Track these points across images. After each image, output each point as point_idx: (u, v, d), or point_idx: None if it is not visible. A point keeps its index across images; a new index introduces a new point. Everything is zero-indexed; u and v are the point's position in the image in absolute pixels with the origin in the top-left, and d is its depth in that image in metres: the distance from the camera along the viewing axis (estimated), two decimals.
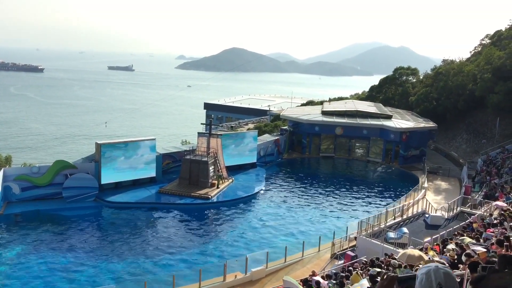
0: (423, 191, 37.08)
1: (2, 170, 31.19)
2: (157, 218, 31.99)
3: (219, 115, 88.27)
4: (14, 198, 31.69)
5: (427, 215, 28.59)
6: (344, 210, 35.23)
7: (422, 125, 50.61)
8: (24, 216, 30.11)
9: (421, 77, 69.78)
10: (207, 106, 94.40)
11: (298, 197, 37.75)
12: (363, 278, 13.90)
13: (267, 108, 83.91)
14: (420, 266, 12.46)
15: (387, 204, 34.54)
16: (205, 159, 37.46)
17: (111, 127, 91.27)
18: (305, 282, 15.96)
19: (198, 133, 41.43)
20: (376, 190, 40.71)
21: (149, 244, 27.16)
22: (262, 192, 38.38)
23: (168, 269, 23.91)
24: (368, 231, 24.93)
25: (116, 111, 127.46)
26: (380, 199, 38.38)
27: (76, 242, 27.03)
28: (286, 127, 53.70)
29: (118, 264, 24.37)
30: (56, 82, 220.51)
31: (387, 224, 26.90)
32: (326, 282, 16.60)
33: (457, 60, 65.48)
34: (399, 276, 3.20)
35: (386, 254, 19.45)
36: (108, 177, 34.96)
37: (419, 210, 30.37)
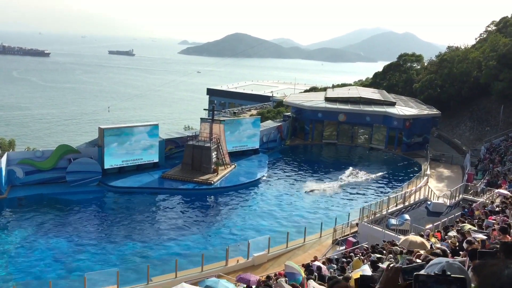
0: (425, 178, 37.10)
1: (5, 154, 31.32)
2: (160, 203, 32.17)
3: (222, 101, 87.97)
4: (17, 182, 31.89)
5: (429, 202, 28.66)
6: (346, 196, 35.33)
7: (425, 112, 50.42)
8: (27, 199, 30.36)
9: (425, 64, 69.25)
10: (210, 91, 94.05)
11: (300, 183, 37.83)
12: (364, 264, 14.01)
13: (270, 94, 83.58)
14: (421, 252, 12.54)
15: (389, 191, 34.62)
16: (208, 144, 37.50)
17: (114, 112, 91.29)
18: (306, 267, 16.08)
19: (201, 118, 41.41)
20: (378, 177, 40.73)
21: (152, 228, 27.37)
22: (264, 178, 38.48)
23: (171, 253, 24.12)
24: (370, 218, 25.04)
25: (118, 95, 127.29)
26: (382, 186, 38.44)
27: (79, 225, 27.25)
28: (289, 113, 53.55)
29: (120, 248, 24.59)
30: (59, 66, 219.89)
31: (389, 210, 26.99)
32: (327, 266, 16.76)
33: (462, 47, 64.94)
34: (404, 267, 3.19)
35: (387, 241, 19.55)
36: (111, 161, 35.09)
37: (421, 197, 30.46)
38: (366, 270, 11.22)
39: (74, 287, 19.56)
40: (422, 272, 2.87)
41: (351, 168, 42.67)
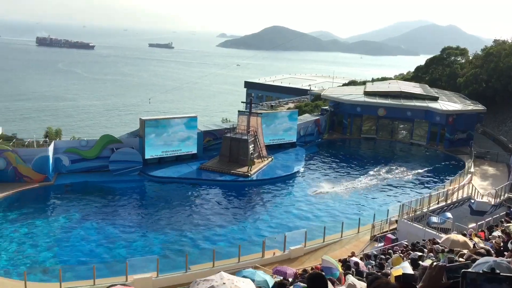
0: (469, 176, 35.93)
1: (53, 143, 32.65)
2: (198, 193, 32.72)
3: (259, 94, 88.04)
4: (64, 170, 33.21)
5: (472, 201, 27.82)
6: (385, 192, 34.76)
7: (470, 107, 48.75)
8: (73, 186, 31.60)
9: (470, 58, 66.80)
10: (248, 84, 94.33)
11: (338, 178, 37.49)
12: (404, 261, 13.79)
13: (307, 88, 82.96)
14: (464, 251, 12.21)
15: (431, 188, 33.80)
16: (245, 137, 37.74)
17: (154, 104, 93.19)
18: (343, 262, 15.99)
19: (239, 111, 41.68)
20: (419, 174, 39.79)
21: (190, 218, 27.90)
22: (301, 171, 38.39)
23: (208, 243, 24.54)
24: (410, 215, 24.56)
25: (158, 88, 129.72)
26: (423, 182, 37.56)
27: (121, 213, 28.16)
28: (327, 107, 53.05)
29: (160, 236, 25.23)
30: (102, 59, 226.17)
31: (430, 208, 26.38)
32: (365, 262, 16.60)
33: (510, 41, 62.16)
34: (449, 265, 3.15)
35: (427, 239, 19.14)
36: (151, 152, 35.95)
37: (464, 195, 29.58)
38: (407, 267, 11.04)
39: (116, 272, 20.22)
40: (470, 270, 2.83)
41: (390, 163, 41.91)
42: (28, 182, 30.75)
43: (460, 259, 10.00)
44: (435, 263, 3.36)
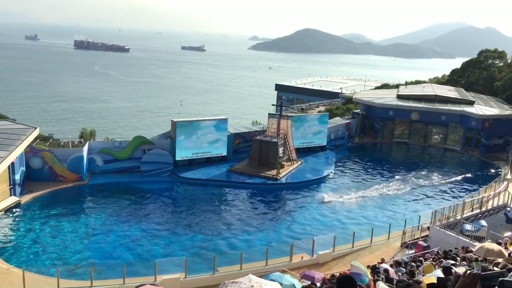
0: (505, 183, 34.66)
1: (87, 144, 33.52)
2: (227, 196, 32.89)
3: (290, 97, 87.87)
4: (97, 170, 34.04)
5: (508, 209, 26.83)
6: (416, 198, 34.00)
7: (507, 112, 47.17)
8: (105, 186, 32.34)
9: (509, 61, 64.60)
10: (278, 87, 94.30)
11: (368, 183, 36.93)
12: (436, 269, 13.42)
13: (339, 91, 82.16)
14: (499, 260, 11.77)
15: (465, 195, 32.84)
16: (275, 140, 37.69)
17: (185, 106, 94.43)
18: (373, 268, 15.71)
19: (269, 114, 41.68)
20: (453, 180, 38.75)
21: (219, 220, 28.05)
22: (331, 175, 38.01)
23: (236, 246, 24.60)
24: (443, 222, 23.90)
25: (190, 90, 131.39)
26: (457, 189, 36.55)
27: (151, 213, 28.60)
28: (359, 110, 52.43)
29: (189, 237, 25.48)
30: (136, 61, 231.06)
31: (464, 215, 25.59)
32: (395, 270, 16.25)
33: None
34: (484, 274, 3.04)
35: (460, 247, 18.58)
36: (182, 153, 36.39)
37: (500, 202, 28.55)
38: (439, 275, 10.75)
39: (145, 272, 20.52)
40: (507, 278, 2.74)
41: (423, 169, 40.98)
42: (63, 182, 31.69)
43: (495, 268, 9.65)
44: (469, 271, 3.26)
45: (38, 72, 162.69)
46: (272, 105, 48.92)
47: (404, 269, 16.71)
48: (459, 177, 39.53)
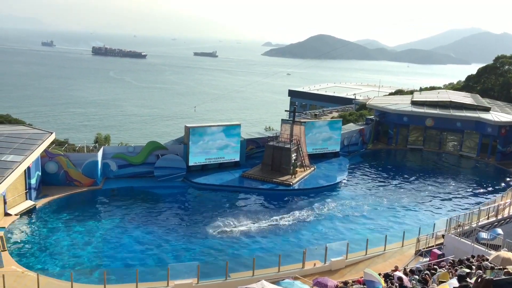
0: None
1: (102, 149, 33.86)
2: (239, 201, 32.89)
3: (303, 103, 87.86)
4: (111, 175, 34.35)
5: None
6: (431, 206, 33.60)
7: None
8: (119, 191, 32.59)
9: None
10: (292, 93, 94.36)
11: (382, 190, 36.65)
12: (451, 278, 13.23)
13: (352, 97, 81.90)
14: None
15: (480, 202, 32.36)
16: (288, 146, 37.64)
17: (199, 111, 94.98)
18: (386, 276, 15.52)
19: (282, 120, 41.67)
20: (468, 187, 38.25)
21: (231, 226, 28.00)
22: (344, 182, 37.79)
23: (248, 252, 24.56)
24: (458, 230, 23.58)
25: (204, 95, 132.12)
26: (472, 196, 36.04)
27: (164, 218, 28.72)
28: (372, 116, 52.14)
29: (201, 242, 25.48)
30: (151, 67, 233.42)
31: (480, 223, 25.21)
32: (409, 278, 16.05)
33: None
34: (496, 279, 3.01)
35: (476, 256, 18.30)
36: (195, 159, 36.54)
37: None
38: (454, 284, 10.62)
39: (158, 277, 20.58)
40: None
41: (438, 176, 40.52)
42: (77, 186, 32.04)
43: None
44: (482, 276, 3.24)
45: (54, 77, 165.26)
46: (285, 111, 48.90)
47: (417, 277, 16.50)
48: (475, 184, 38.99)
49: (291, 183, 35.41)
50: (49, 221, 27.19)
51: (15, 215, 26.69)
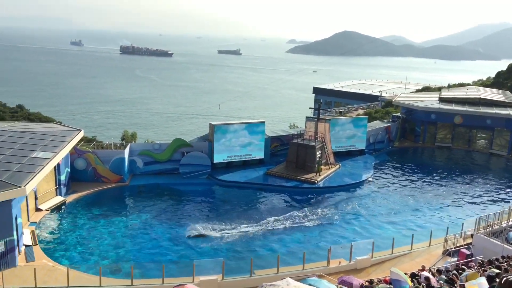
0: None
1: (128, 146, 34.45)
2: (264, 198, 32.93)
3: (327, 100, 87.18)
4: (138, 171, 34.93)
5: None
6: (459, 205, 32.90)
7: None
8: (146, 188, 33.11)
9: None
10: (316, 90, 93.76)
11: (408, 188, 36.09)
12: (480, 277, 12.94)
13: (378, 94, 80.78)
14: None
15: (511, 201, 31.51)
16: (313, 143, 37.46)
17: (224, 109, 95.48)
18: (413, 276, 15.30)
19: (306, 117, 41.49)
20: (498, 186, 37.28)
21: (255, 223, 28.07)
22: (370, 180, 37.37)
23: (273, 249, 24.59)
24: (487, 229, 23.03)
25: (228, 93, 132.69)
26: (502, 195, 35.13)
27: (189, 215, 29.01)
28: (399, 114, 51.36)
29: (225, 239, 25.62)
30: (176, 66, 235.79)
31: (510, 223, 24.55)
32: (436, 278, 15.78)
33: None
34: None
35: (506, 256, 17.84)
36: (220, 156, 36.78)
37: None
38: (483, 283, 10.40)
39: (184, 272, 20.85)
40: None
41: (466, 174, 39.65)
42: (105, 182, 32.70)
43: None
44: (506, 277, 3.17)
45: (83, 76, 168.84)
46: (310, 108, 48.68)
47: (445, 277, 16.21)
48: (505, 183, 37.96)
49: (316, 181, 35.24)
50: (78, 216, 27.86)
51: (46, 210, 27.47)
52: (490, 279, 12.27)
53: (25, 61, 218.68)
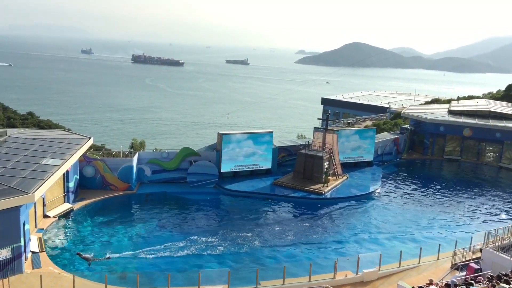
0: None
1: (137, 154, 34.62)
2: (270, 209, 32.83)
3: (336, 111, 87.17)
4: (145, 180, 35.05)
5: None
6: (468, 219, 32.53)
7: None
8: (153, 196, 33.18)
9: None
10: (325, 101, 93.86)
11: (416, 201, 35.80)
12: None
13: (387, 105, 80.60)
14: None
15: None
16: (320, 154, 37.39)
17: (232, 118, 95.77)
18: None
19: (314, 128, 41.45)
20: (508, 200, 36.86)
21: (262, 233, 28.01)
22: (377, 192, 37.15)
23: (279, 260, 24.44)
24: (496, 244, 22.74)
25: (236, 103, 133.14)
26: None
27: (196, 224, 28.99)
28: (407, 125, 51.16)
29: (231, 249, 25.55)
30: (185, 75, 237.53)
31: None
32: None
33: None
34: None
35: None
36: (227, 165, 36.81)
37: None
38: None
39: (189, 282, 20.78)
40: None
41: (475, 188, 39.30)
42: (113, 190, 32.83)
43: None
44: None
45: (93, 84, 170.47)
46: (318, 119, 48.64)
47: None
48: None
49: (323, 192, 35.11)
50: (85, 224, 27.95)
51: (54, 217, 27.61)
52: None
53: (35, 69, 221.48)
